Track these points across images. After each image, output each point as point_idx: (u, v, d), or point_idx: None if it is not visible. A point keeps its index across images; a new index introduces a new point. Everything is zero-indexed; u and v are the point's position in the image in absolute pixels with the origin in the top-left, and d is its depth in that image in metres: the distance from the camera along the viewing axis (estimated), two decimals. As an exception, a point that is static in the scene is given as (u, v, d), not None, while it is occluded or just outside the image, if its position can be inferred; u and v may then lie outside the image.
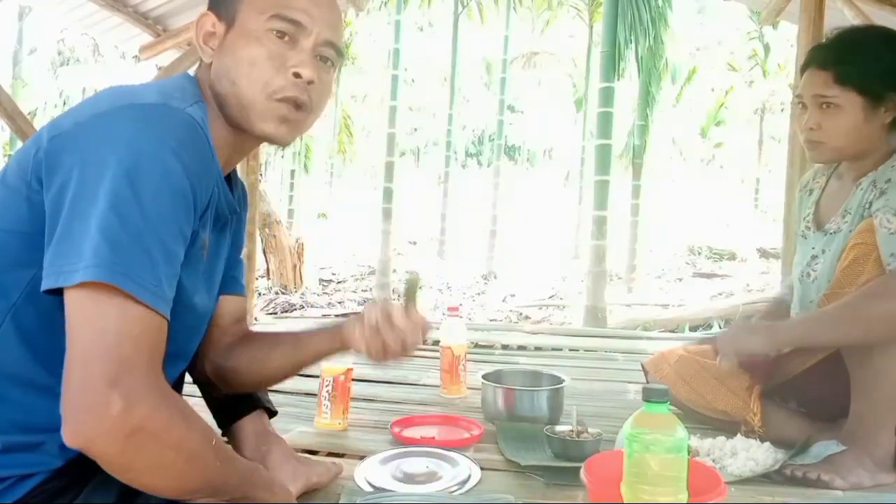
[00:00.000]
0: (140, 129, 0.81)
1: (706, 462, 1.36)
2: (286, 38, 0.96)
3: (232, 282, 1.16)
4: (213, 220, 0.98)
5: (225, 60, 0.96)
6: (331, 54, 1.01)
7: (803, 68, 1.56)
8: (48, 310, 0.81)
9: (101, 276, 0.73)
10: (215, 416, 1.28)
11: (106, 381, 0.73)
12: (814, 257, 1.60)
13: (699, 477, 1.14)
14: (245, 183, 1.18)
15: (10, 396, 0.84)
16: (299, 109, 0.98)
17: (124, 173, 0.77)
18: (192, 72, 1.03)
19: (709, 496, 1.05)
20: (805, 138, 1.55)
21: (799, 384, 1.58)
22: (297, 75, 0.95)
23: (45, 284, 0.76)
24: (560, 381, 1.83)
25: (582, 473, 1.07)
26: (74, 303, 0.75)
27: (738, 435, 1.53)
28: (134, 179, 0.77)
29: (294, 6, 0.96)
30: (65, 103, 19.10)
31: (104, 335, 0.74)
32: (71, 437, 0.74)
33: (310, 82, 0.97)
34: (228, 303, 1.17)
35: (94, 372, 0.73)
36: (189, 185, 0.83)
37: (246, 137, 1.00)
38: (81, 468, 0.86)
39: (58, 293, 0.77)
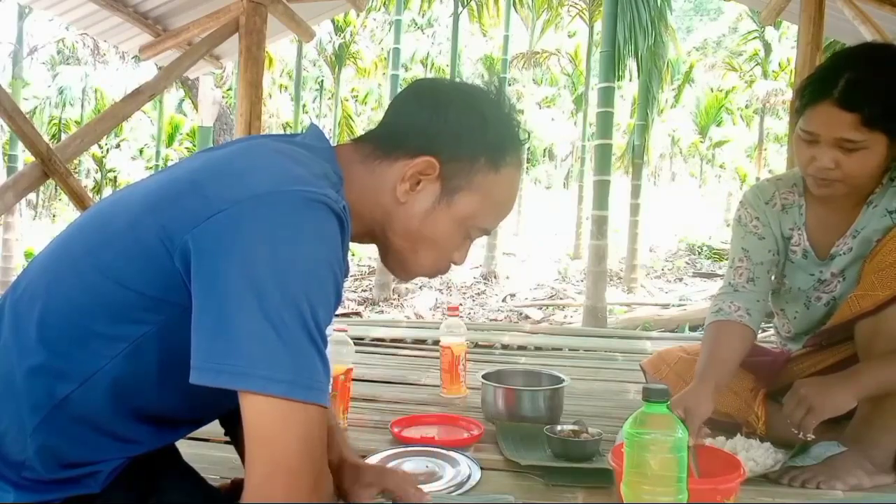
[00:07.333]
0: (306, 221, 0.78)
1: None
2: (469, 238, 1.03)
3: None
4: None
5: (416, 223, 0.96)
6: None
7: (812, 95, 1.39)
8: (148, 366, 0.81)
9: (291, 392, 0.73)
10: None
11: (309, 490, 0.75)
12: (821, 281, 1.58)
13: (718, 462, 1.19)
14: None
15: (81, 437, 0.84)
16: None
17: (295, 271, 0.75)
18: (328, 131, 1.02)
19: (728, 478, 1.09)
20: (816, 175, 1.42)
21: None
22: (453, 262, 1.03)
23: (208, 380, 0.73)
24: (560, 381, 1.83)
25: (609, 458, 1.16)
26: (259, 407, 0.74)
27: (739, 435, 1.53)
28: (302, 279, 0.75)
29: (495, 224, 1.05)
30: (64, 103, 19.11)
31: (301, 443, 0.74)
32: None
33: None
34: None
35: (299, 483, 0.75)
36: (337, 284, 0.82)
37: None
38: (125, 485, 0.89)
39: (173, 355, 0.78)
